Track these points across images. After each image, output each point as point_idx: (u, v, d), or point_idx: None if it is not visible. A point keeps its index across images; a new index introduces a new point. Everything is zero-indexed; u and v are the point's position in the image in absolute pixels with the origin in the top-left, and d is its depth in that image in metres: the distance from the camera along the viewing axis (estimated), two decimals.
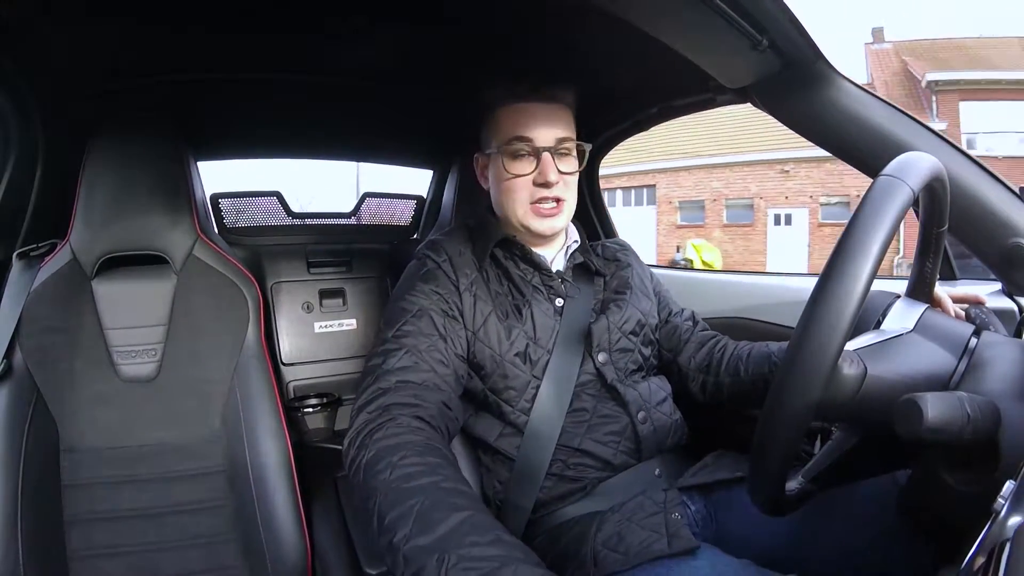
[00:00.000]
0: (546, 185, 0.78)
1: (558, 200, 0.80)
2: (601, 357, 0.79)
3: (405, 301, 0.75)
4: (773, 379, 0.43)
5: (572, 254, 0.87)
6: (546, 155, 0.78)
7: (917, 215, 0.57)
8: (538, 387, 0.76)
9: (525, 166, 0.79)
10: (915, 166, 0.44)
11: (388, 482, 0.52)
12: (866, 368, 0.45)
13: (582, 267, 0.86)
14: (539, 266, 0.82)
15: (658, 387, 0.84)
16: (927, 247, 0.55)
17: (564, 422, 0.75)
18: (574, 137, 0.82)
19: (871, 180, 0.44)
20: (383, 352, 0.69)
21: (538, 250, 0.84)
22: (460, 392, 0.74)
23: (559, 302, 0.82)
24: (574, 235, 0.90)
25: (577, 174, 0.82)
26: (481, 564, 0.43)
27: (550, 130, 0.79)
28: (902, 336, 0.49)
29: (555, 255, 0.87)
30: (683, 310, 0.95)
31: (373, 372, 0.67)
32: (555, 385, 0.76)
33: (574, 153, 0.82)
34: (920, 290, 0.58)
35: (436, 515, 0.47)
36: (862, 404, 0.45)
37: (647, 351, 0.85)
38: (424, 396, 0.64)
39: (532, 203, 0.79)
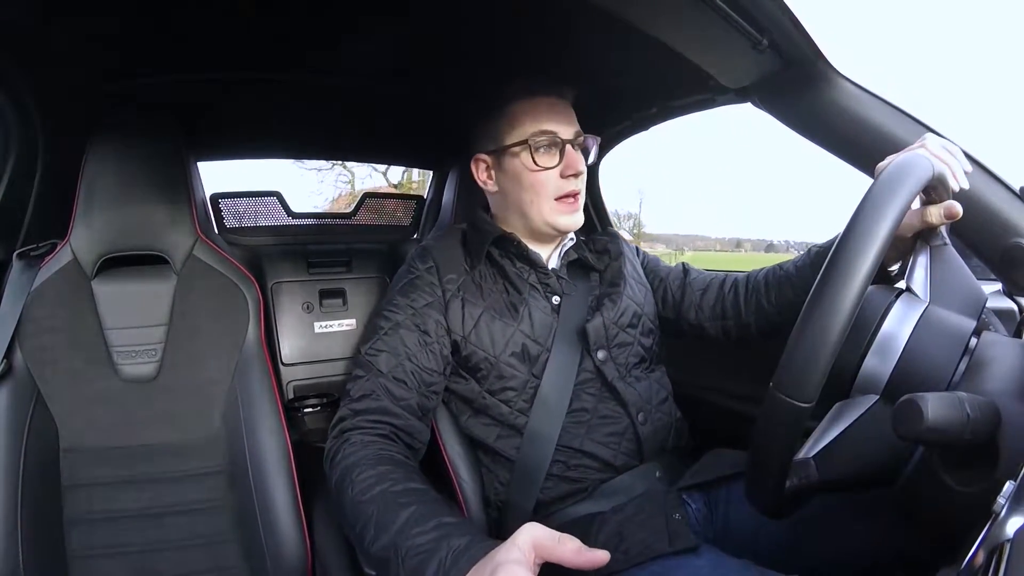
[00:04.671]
0: (575, 176, 0.79)
1: (578, 193, 0.80)
2: (600, 355, 0.78)
3: (382, 317, 0.77)
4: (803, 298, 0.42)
5: (567, 251, 0.86)
6: (569, 147, 0.78)
7: None
8: (537, 386, 0.76)
9: (550, 159, 0.78)
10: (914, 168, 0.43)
11: (351, 498, 0.60)
12: (819, 477, 0.46)
13: (577, 263, 0.86)
14: (535, 264, 0.82)
15: (659, 386, 0.83)
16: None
17: (564, 422, 0.75)
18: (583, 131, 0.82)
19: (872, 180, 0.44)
20: (355, 376, 0.74)
21: (535, 248, 0.83)
22: (432, 403, 0.76)
23: (556, 300, 0.81)
24: (570, 232, 0.89)
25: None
26: (426, 546, 0.51)
27: (570, 124, 0.80)
28: (861, 418, 0.48)
29: (551, 253, 0.86)
30: (671, 268, 0.94)
31: (345, 396, 0.74)
32: (554, 384, 0.76)
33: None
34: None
35: (388, 517, 0.55)
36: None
37: (647, 341, 0.84)
38: (379, 419, 0.70)
39: (557, 198, 0.79)
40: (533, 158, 0.78)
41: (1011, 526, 0.31)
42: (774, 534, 0.69)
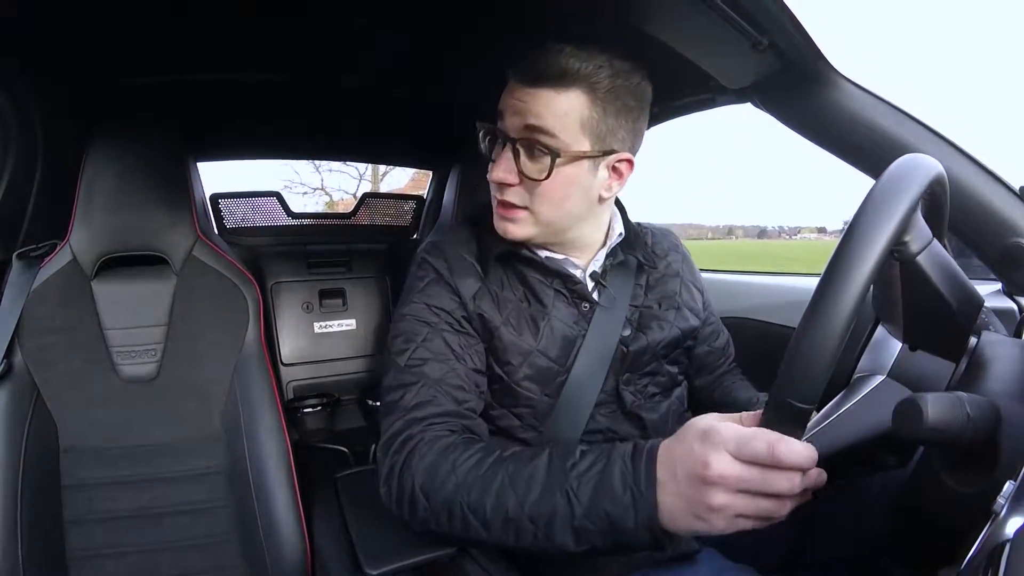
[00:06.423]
0: (497, 183, 0.64)
1: (514, 206, 0.64)
2: (625, 378, 0.71)
3: (411, 322, 0.66)
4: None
5: (614, 250, 0.73)
6: (508, 146, 0.62)
7: (893, 259, 0.56)
8: (552, 405, 0.68)
9: (495, 151, 0.65)
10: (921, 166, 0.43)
11: (460, 484, 0.52)
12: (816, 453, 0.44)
13: (621, 266, 0.73)
14: (558, 274, 0.69)
15: (678, 402, 0.78)
16: None
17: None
18: (555, 132, 0.60)
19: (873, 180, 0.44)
20: (400, 386, 0.62)
21: (562, 254, 0.70)
22: (482, 408, 0.68)
23: (585, 306, 0.70)
24: (618, 227, 0.74)
25: (552, 180, 0.62)
26: (592, 471, 0.46)
27: (520, 114, 0.61)
28: (872, 391, 0.48)
29: (591, 257, 0.72)
30: (720, 334, 0.86)
31: (393, 410, 0.62)
32: (571, 405, 0.68)
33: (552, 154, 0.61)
34: None
35: (526, 472, 0.49)
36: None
37: (674, 369, 0.77)
38: (449, 420, 0.61)
39: (496, 198, 0.66)
40: (482, 143, 0.67)
41: (1011, 526, 0.31)
42: (775, 534, 0.68)
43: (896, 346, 0.50)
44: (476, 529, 0.51)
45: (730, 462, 0.41)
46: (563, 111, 0.60)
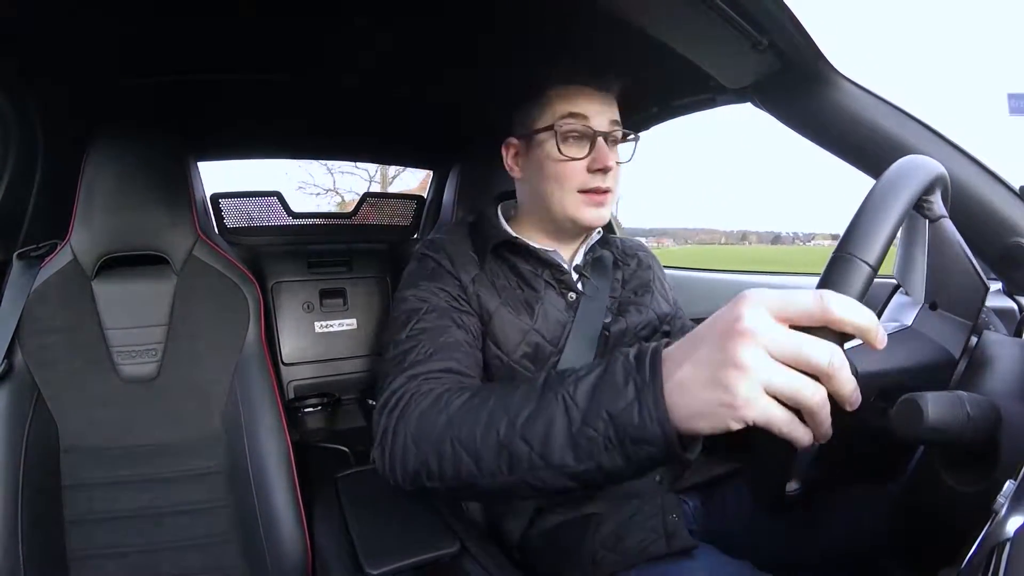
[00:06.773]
0: (604, 171, 0.72)
1: (610, 190, 0.74)
2: None
3: (413, 301, 0.70)
4: None
5: (592, 246, 0.82)
6: (601, 140, 0.73)
7: (921, 214, 0.57)
8: None
9: (579, 150, 0.73)
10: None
11: (450, 420, 0.50)
12: (855, 367, 0.44)
13: (599, 261, 0.83)
14: (549, 264, 0.77)
15: None
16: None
17: None
18: (621, 124, 0.77)
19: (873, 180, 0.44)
20: (401, 353, 0.64)
21: (553, 246, 0.79)
22: (481, 376, 0.70)
23: (571, 296, 0.77)
24: (595, 228, 0.84)
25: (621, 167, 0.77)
26: (592, 373, 0.43)
27: (606, 115, 0.74)
28: (898, 333, 0.49)
29: (576, 249, 0.82)
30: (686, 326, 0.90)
31: (391, 371, 0.62)
32: None
33: (620, 143, 0.77)
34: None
35: (520, 391, 0.47)
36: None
37: None
38: (447, 376, 0.61)
39: (583, 191, 0.74)
40: (559, 146, 0.72)
41: (1011, 525, 0.31)
42: (774, 532, 0.69)
43: (910, 318, 0.50)
44: (468, 466, 0.48)
45: (767, 319, 0.35)
46: (617, 108, 0.77)
